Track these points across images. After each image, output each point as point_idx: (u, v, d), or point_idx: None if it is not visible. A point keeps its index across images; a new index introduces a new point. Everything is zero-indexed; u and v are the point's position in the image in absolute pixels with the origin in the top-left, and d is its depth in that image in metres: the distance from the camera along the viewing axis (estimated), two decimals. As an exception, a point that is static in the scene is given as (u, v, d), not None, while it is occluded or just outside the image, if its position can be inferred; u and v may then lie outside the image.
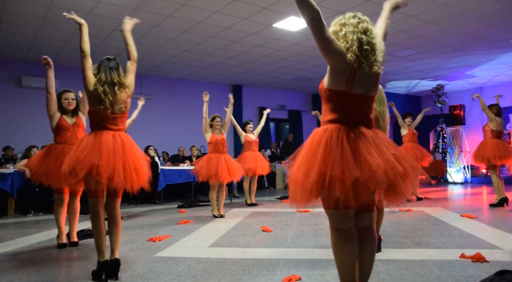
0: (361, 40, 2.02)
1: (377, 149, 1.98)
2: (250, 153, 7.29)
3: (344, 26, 2.09)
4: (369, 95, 2.10)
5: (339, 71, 2.03)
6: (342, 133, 2.01)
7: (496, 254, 3.46)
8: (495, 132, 6.38)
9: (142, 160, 3.07)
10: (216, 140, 6.06)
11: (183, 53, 8.29)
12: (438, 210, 6.18)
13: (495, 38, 7.76)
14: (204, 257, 3.57)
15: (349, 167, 1.89)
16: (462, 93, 13.63)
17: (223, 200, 6.25)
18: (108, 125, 3.00)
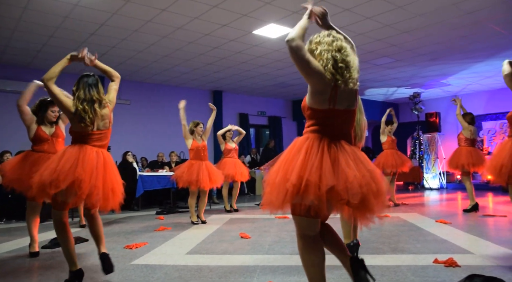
0: (336, 58, 2.09)
1: (355, 163, 2.03)
2: (229, 160, 7.30)
3: (319, 44, 2.15)
4: (350, 109, 2.17)
5: (320, 91, 2.09)
6: (323, 142, 2.06)
7: (468, 258, 3.54)
8: (469, 140, 6.57)
9: (119, 181, 3.10)
10: (197, 147, 6.03)
11: (163, 58, 8.25)
12: (415, 216, 6.29)
13: (468, 48, 7.99)
14: (181, 265, 3.54)
15: (326, 175, 1.93)
16: (438, 101, 13.97)
17: (204, 207, 6.22)
18: (92, 142, 3.01)
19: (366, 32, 6.80)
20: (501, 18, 6.32)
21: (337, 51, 2.11)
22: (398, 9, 5.87)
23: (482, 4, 5.76)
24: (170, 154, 9.38)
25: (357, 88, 2.19)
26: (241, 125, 12.22)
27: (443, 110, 13.58)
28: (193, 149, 6.02)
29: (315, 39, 2.21)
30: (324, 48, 2.12)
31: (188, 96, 11.40)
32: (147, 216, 7.05)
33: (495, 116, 12.70)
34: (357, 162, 2.04)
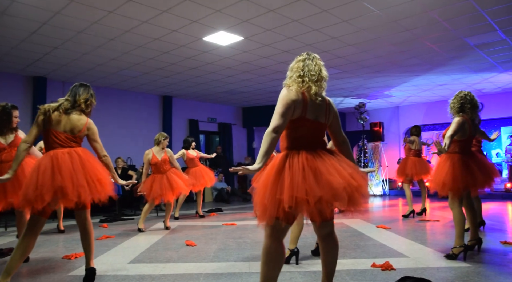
0: (323, 76, 2.46)
1: (334, 168, 2.21)
2: (193, 170, 7.27)
3: (304, 62, 2.44)
4: (320, 122, 2.40)
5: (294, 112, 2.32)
6: (302, 157, 2.23)
7: (403, 262, 3.74)
8: (414, 150, 7.02)
9: (102, 170, 3.13)
10: (156, 162, 5.94)
11: (110, 61, 8.01)
12: (357, 221, 6.53)
13: (406, 63, 8.47)
14: (123, 274, 3.45)
15: (312, 188, 2.10)
16: (382, 111, 14.66)
17: (170, 214, 6.17)
18: (60, 145, 3.05)
19: (314, 43, 7.01)
20: (435, 36, 6.77)
21: (320, 71, 2.48)
22: (343, 23, 6.11)
23: (419, 23, 6.14)
24: (116, 160, 9.10)
25: (323, 102, 2.45)
26: (191, 132, 12.12)
27: (386, 120, 14.27)
28: (153, 164, 5.96)
29: (301, 57, 2.52)
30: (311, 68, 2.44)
31: (138, 101, 11.21)
32: (90, 224, 6.77)
33: (433, 127, 13.54)
34: (336, 166, 2.23)
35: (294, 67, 2.44)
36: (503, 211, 7.87)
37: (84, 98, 3.20)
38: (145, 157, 5.98)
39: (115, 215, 7.60)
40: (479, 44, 7.17)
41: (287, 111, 2.25)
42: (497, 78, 10.03)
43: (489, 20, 6.04)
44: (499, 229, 5.53)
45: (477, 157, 4.03)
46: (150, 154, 5.97)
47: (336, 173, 2.17)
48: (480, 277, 3.18)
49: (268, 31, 6.37)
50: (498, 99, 12.07)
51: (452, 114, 3.97)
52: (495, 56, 7.98)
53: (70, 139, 3.09)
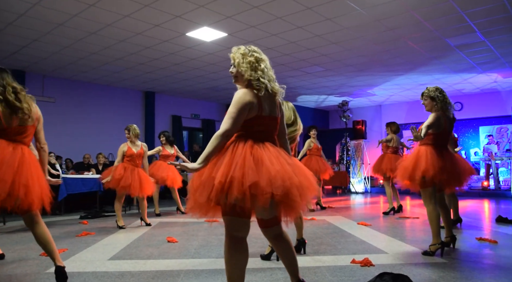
0: (271, 77, 2.35)
1: (278, 160, 2.16)
2: (164, 163, 7.10)
3: (262, 61, 2.35)
4: (273, 117, 2.34)
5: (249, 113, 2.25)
6: (247, 144, 2.19)
7: (382, 258, 3.79)
8: (391, 148, 7.05)
9: (42, 177, 2.96)
10: (132, 155, 5.85)
11: (91, 56, 7.88)
12: (339, 218, 6.60)
13: (389, 62, 8.58)
14: (102, 271, 3.40)
15: (249, 172, 2.04)
16: (364, 110, 14.82)
17: (146, 209, 6.09)
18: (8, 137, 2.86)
19: (297, 40, 7.04)
20: (417, 36, 6.87)
21: (271, 69, 2.40)
22: (327, 21, 6.15)
23: (401, 22, 6.22)
24: (98, 156, 8.98)
25: (279, 99, 2.41)
26: (174, 128, 12.04)
27: (369, 118, 14.44)
28: (128, 156, 5.84)
29: (253, 52, 2.36)
30: (266, 65, 2.35)
31: (119, 96, 11.07)
32: (70, 221, 6.68)
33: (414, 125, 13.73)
34: (280, 159, 2.17)
35: (251, 62, 2.31)
36: (480, 208, 8.06)
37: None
38: (120, 150, 5.86)
39: (95, 212, 7.49)
40: (459, 44, 7.31)
41: (242, 115, 2.19)
42: (476, 79, 10.25)
43: (468, 22, 6.16)
44: (475, 226, 5.66)
45: (451, 154, 4.08)
46: (125, 146, 5.88)
47: (279, 164, 2.12)
48: (456, 273, 3.25)
49: (252, 27, 6.36)
50: (477, 99, 12.34)
51: (433, 109, 3.98)
52: (474, 57, 8.14)
53: None
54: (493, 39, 7.03)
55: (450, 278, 3.09)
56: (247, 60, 2.30)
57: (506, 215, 6.31)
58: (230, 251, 2.22)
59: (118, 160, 5.85)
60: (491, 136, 12.27)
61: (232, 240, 2.23)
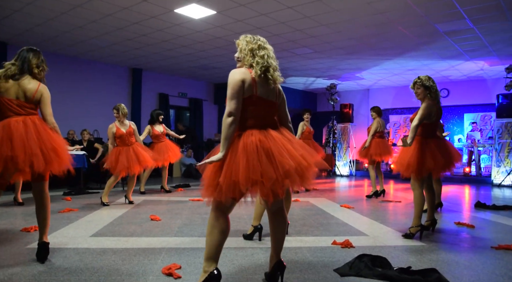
0: (271, 64, 2.43)
1: (286, 149, 2.29)
2: (158, 145, 7.13)
3: (263, 49, 2.44)
4: (270, 101, 2.45)
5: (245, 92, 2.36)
6: (255, 138, 2.28)
7: (362, 240, 3.86)
8: (378, 132, 7.07)
9: (59, 140, 3.00)
10: (122, 135, 5.80)
11: (77, 29, 7.67)
12: (323, 200, 6.67)
13: (378, 46, 8.56)
14: (83, 247, 3.41)
15: (267, 170, 2.18)
16: (352, 93, 14.85)
17: (133, 187, 6.08)
18: (13, 112, 2.91)
19: (287, 21, 6.95)
20: (407, 21, 6.85)
21: (272, 58, 2.49)
22: (317, 2, 6.07)
23: (392, 6, 6.18)
24: (82, 132, 8.86)
25: (278, 85, 2.53)
26: (161, 106, 11.91)
27: (356, 102, 14.48)
28: (118, 137, 5.83)
29: (257, 40, 2.48)
30: (266, 53, 2.45)
31: (106, 72, 10.86)
32: (53, 197, 6.53)
33: (400, 111, 13.86)
34: (287, 146, 2.31)
35: (252, 49, 2.43)
36: (461, 194, 8.24)
37: (35, 63, 3.06)
38: (109, 131, 5.85)
39: (79, 189, 7.45)
40: (448, 31, 7.31)
41: (238, 93, 2.29)
42: (463, 66, 10.32)
43: (458, 8, 6.15)
44: (454, 211, 5.79)
45: (441, 141, 4.16)
46: (113, 127, 5.84)
47: (287, 154, 2.26)
48: (433, 255, 3.33)
49: (242, 6, 6.25)
50: (463, 86, 12.45)
51: (426, 98, 3.98)
52: (462, 44, 8.17)
53: (24, 106, 2.93)
54: (482, 27, 7.05)
55: (427, 260, 3.17)
56: (250, 47, 2.42)
57: (484, 201, 6.47)
58: (214, 224, 2.33)
59: (111, 142, 5.87)
60: (475, 123, 12.45)
61: (219, 215, 2.33)
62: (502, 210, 5.87)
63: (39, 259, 2.95)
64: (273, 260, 2.56)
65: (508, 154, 9.70)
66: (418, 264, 3.06)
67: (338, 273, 2.82)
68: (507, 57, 9.21)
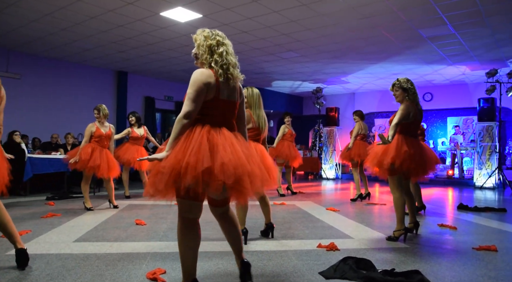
0: (231, 62, 2.33)
1: (232, 147, 2.19)
2: (131, 146, 6.98)
3: (222, 45, 2.34)
4: (232, 101, 2.35)
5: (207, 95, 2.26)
6: (204, 129, 2.20)
7: (347, 242, 3.89)
8: (360, 135, 7.14)
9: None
10: (100, 135, 5.72)
11: (61, 31, 7.58)
12: (308, 203, 6.70)
13: (364, 50, 8.66)
14: (66, 253, 3.35)
15: (204, 157, 2.07)
16: (338, 97, 14.98)
17: (113, 191, 6.00)
18: None
19: (273, 25, 6.99)
20: (391, 26, 6.95)
21: (231, 54, 2.39)
22: (303, 7, 6.12)
23: (376, 11, 6.27)
24: (66, 136, 8.75)
25: (238, 84, 2.42)
26: (147, 110, 11.83)
27: (342, 105, 14.61)
28: (97, 137, 5.73)
29: (215, 36, 2.37)
30: (226, 49, 2.35)
31: (90, 75, 10.75)
32: (36, 201, 6.52)
33: (386, 114, 14.02)
34: (235, 147, 2.20)
35: (211, 45, 2.32)
36: (444, 196, 8.36)
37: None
38: (88, 130, 5.71)
39: (63, 193, 7.34)
40: (431, 36, 7.45)
41: (200, 95, 2.19)
42: (446, 71, 10.51)
43: (440, 14, 6.27)
44: (438, 213, 5.87)
45: (420, 143, 4.18)
46: (93, 127, 5.75)
47: (232, 152, 2.15)
48: (416, 257, 3.38)
49: (228, 10, 6.27)
50: (446, 90, 12.68)
51: (404, 100, 4.06)
52: (445, 49, 8.33)
53: None
54: (463, 33, 7.20)
55: (411, 262, 3.21)
56: (208, 43, 2.32)
57: (467, 203, 6.58)
58: (182, 232, 2.27)
59: (86, 141, 5.71)
60: (457, 126, 12.67)
61: (184, 222, 2.28)
62: (484, 212, 5.98)
63: (19, 266, 2.89)
64: (237, 261, 2.55)
65: (489, 157, 9.90)
66: (401, 266, 3.10)
67: (323, 276, 2.83)
68: (487, 62, 9.41)
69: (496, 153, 9.85)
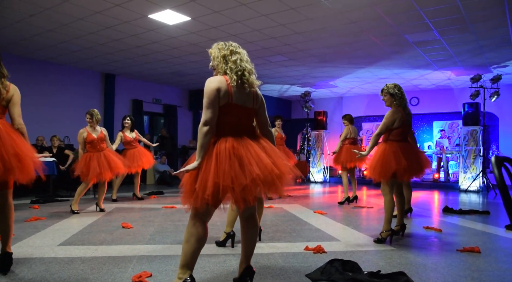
0: (246, 68, 2.45)
1: (258, 157, 2.29)
2: (130, 151, 7.01)
3: (236, 54, 2.46)
4: (247, 107, 2.45)
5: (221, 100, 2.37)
6: (228, 144, 2.30)
7: (334, 245, 3.91)
8: (349, 139, 7.20)
9: (24, 146, 2.79)
10: (92, 140, 5.68)
11: (47, 33, 7.50)
12: (296, 207, 6.72)
13: (351, 55, 8.75)
14: (50, 257, 3.31)
15: (237, 176, 2.19)
16: (326, 101, 15.08)
17: (104, 195, 5.95)
18: None
19: (261, 29, 7.02)
20: (378, 31, 7.04)
21: (246, 61, 2.51)
22: (291, 11, 6.16)
23: (364, 16, 6.34)
24: (52, 139, 8.62)
25: (255, 90, 2.53)
26: (135, 112, 11.76)
27: (330, 109, 14.71)
28: (89, 142, 5.70)
29: (229, 46, 2.49)
30: (240, 57, 2.47)
31: (77, 77, 10.64)
32: (20, 205, 6.39)
33: (373, 118, 14.16)
34: (259, 155, 2.31)
35: (225, 56, 2.45)
36: (430, 199, 8.46)
37: None
38: (80, 136, 5.70)
39: (48, 196, 7.24)
40: (417, 41, 7.56)
41: (214, 102, 2.31)
42: (432, 76, 10.66)
43: (426, 20, 6.37)
44: (424, 216, 5.95)
45: (412, 146, 4.28)
46: (84, 132, 5.71)
47: (259, 162, 2.27)
48: (402, 259, 3.41)
49: (216, 13, 6.28)
50: (432, 95, 12.86)
51: (392, 105, 4.15)
52: (431, 54, 8.45)
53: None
54: (448, 38, 7.32)
55: (396, 264, 3.24)
56: (222, 54, 2.44)
57: (452, 206, 6.67)
58: (191, 231, 2.32)
59: (82, 148, 5.72)
60: (443, 130, 12.85)
61: (197, 223, 2.33)
62: (468, 215, 6.06)
63: (1, 270, 2.83)
64: (242, 265, 2.56)
65: (473, 160, 10.05)
66: (387, 267, 3.12)
67: (310, 278, 2.84)
68: (471, 67, 9.58)
69: (480, 157, 10.01)
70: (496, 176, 1.23)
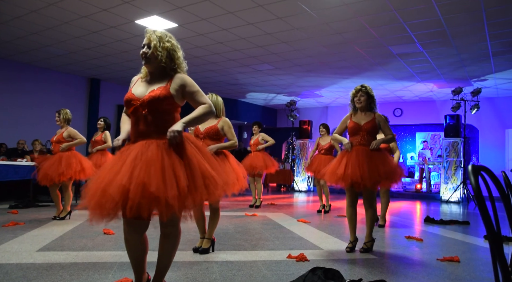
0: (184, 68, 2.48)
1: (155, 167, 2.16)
2: (95, 154, 6.76)
3: (178, 50, 2.39)
4: None
5: None
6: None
7: (317, 253, 3.93)
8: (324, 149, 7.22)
9: None
10: (52, 141, 5.59)
11: (31, 35, 7.41)
12: (280, 215, 6.72)
13: (336, 65, 8.87)
14: (28, 263, 3.23)
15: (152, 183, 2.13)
16: (311, 110, 15.20)
17: (70, 200, 5.77)
18: None
19: (248, 37, 7.07)
20: (363, 42, 7.16)
21: None
22: (278, 20, 6.23)
23: (349, 27, 6.45)
24: (33, 142, 8.48)
25: None
26: (120, 118, 11.62)
27: (315, 119, 14.81)
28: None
29: (172, 39, 2.38)
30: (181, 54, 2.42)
31: (62, 81, 10.52)
32: (-3, 210, 6.27)
33: (357, 128, 14.28)
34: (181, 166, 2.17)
35: (168, 48, 2.32)
36: (412, 209, 8.57)
37: None
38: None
39: (28, 201, 7.08)
40: (400, 53, 7.71)
41: None
42: (415, 87, 10.86)
43: (409, 32, 6.51)
44: (405, 225, 6.01)
45: (373, 154, 3.93)
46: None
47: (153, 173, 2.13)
48: (383, 268, 3.44)
49: (203, 20, 6.31)
50: (415, 106, 13.08)
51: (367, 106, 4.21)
52: (414, 66, 8.63)
53: None
54: (430, 51, 7.49)
55: (378, 273, 3.26)
56: (164, 45, 2.28)
57: (433, 216, 6.76)
58: (127, 244, 2.38)
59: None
60: (425, 142, 13.07)
61: (129, 236, 2.37)
62: (449, 225, 6.16)
63: None
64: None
65: (454, 171, 10.23)
66: (369, 276, 3.15)
67: (292, 286, 2.84)
68: (453, 80, 9.81)
69: (461, 168, 10.20)
70: (472, 185, 1.26)
